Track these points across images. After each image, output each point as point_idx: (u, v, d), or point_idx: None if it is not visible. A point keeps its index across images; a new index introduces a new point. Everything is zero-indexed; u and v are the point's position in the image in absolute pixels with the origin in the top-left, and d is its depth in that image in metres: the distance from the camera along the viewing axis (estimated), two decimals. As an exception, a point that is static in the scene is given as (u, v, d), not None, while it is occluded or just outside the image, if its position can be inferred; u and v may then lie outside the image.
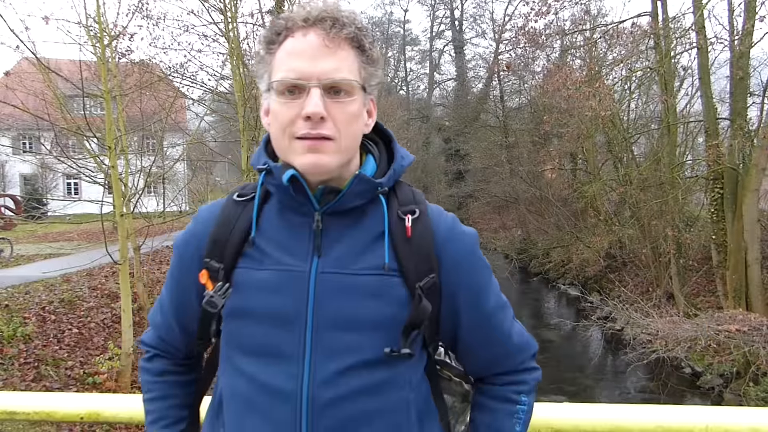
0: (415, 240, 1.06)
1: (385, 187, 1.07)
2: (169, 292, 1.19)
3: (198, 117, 14.33)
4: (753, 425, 1.37)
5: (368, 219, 1.07)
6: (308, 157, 1.00)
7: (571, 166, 20.35)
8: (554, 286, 18.93)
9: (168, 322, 1.20)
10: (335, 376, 1.01)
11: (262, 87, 1.08)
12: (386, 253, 1.04)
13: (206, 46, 18.68)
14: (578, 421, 1.43)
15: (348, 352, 1.02)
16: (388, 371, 1.04)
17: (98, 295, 10.01)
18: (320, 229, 1.05)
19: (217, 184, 22.63)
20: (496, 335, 1.14)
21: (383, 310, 1.03)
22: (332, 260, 1.04)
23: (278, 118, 1.03)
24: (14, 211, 19.39)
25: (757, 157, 11.39)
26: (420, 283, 1.03)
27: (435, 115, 35.23)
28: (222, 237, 1.09)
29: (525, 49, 16.30)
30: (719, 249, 12.51)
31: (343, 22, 1.01)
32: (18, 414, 1.59)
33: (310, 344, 1.01)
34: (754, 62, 13.08)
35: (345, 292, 1.02)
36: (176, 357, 1.25)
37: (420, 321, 1.03)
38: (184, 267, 1.14)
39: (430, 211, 1.11)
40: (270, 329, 1.03)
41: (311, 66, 0.99)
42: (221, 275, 1.06)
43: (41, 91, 9.45)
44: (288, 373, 1.02)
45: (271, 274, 1.04)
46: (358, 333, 1.02)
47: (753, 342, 8.89)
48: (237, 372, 1.07)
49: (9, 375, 6.88)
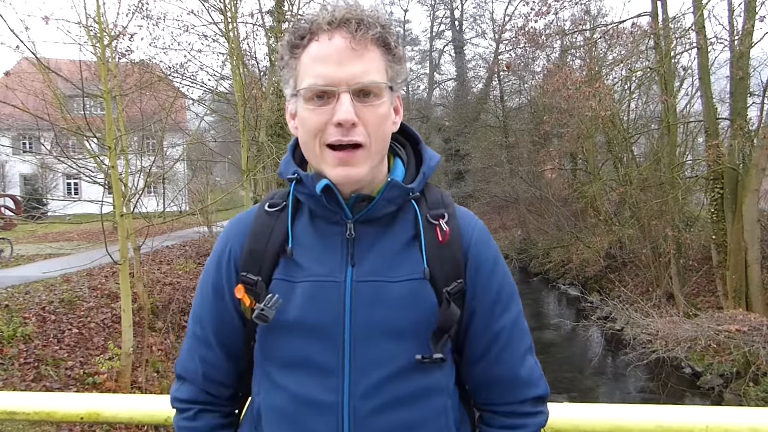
0: (447, 245, 1.05)
1: (416, 192, 1.06)
2: (210, 310, 1.13)
3: (198, 117, 14.36)
4: (753, 425, 1.37)
5: (398, 224, 1.07)
6: (339, 170, 1.00)
7: (571, 166, 20.35)
8: (554, 286, 18.93)
9: (209, 346, 1.13)
10: (375, 386, 1.00)
11: (288, 92, 1.06)
12: (424, 260, 1.03)
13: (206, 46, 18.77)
14: (578, 421, 1.43)
15: (387, 362, 1.01)
16: (426, 378, 1.03)
17: (98, 295, 10.00)
18: (353, 237, 1.04)
19: (217, 184, 22.63)
20: (505, 357, 1.10)
21: (418, 316, 1.02)
22: (367, 269, 1.03)
23: (307, 126, 1.01)
24: (14, 211, 19.39)
25: (757, 157, 11.39)
26: (448, 288, 1.03)
27: (435, 115, 35.20)
28: (258, 249, 1.07)
29: (525, 49, 16.30)
30: (719, 249, 12.50)
31: (368, 22, 0.99)
32: (18, 414, 1.59)
33: (349, 355, 1.00)
34: (754, 62, 13.10)
35: (381, 301, 1.01)
36: (222, 405, 1.17)
37: (449, 326, 1.03)
38: (221, 281, 1.11)
39: (459, 215, 1.10)
40: (307, 341, 1.02)
41: (339, 71, 0.97)
42: (260, 287, 1.04)
43: (41, 91, 9.44)
44: (328, 385, 1.01)
45: (306, 286, 1.03)
46: (396, 341, 1.01)
47: (753, 342, 8.89)
48: (274, 386, 1.05)
49: (9, 375, 6.88)
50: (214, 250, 1.15)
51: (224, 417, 1.17)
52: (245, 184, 10.96)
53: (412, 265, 1.03)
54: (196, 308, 1.15)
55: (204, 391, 1.14)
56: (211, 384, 1.14)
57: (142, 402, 1.63)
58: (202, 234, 17.33)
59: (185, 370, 1.16)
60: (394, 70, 1.04)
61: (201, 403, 1.14)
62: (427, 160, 1.11)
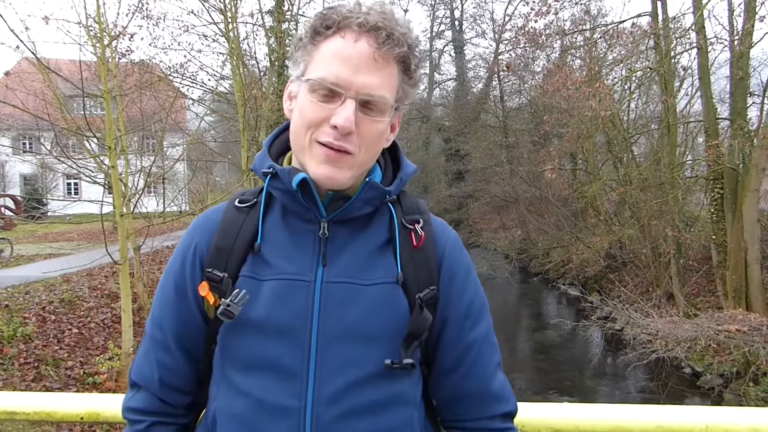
0: (422, 250, 1.04)
1: (393, 195, 1.05)
2: (171, 311, 1.07)
3: (198, 117, 14.36)
4: (753, 425, 1.37)
5: (373, 227, 1.05)
6: (324, 168, 0.98)
7: (571, 166, 20.35)
8: (554, 286, 18.92)
9: (167, 349, 1.07)
10: (341, 392, 0.96)
11: (295, 72, 1.03)
12: (398, 264, 1.01)
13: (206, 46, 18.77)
14: (578, 421, 1.43)
15: (354, 366, 0.97)
16: (394, 386, 1.00)
17: (98, 295, 10.00)
18: (326, 237, 1.01)
19: (217, 184, 22.63)
20: (476, 370, 1.07)
21: (389, 321, 0.99)
22: (338, 269, 1.00)
23: (304, 115, 0.99)
24: (14, 211, 19.40)
25: (757, 157, 11.39)
26: (420, 294, 1.01)
27: (435, 115, 35.15)
28: (226, 245, 1.03)
29: (525, 49, 16.30)
30: (719, 249, 12.50)
31: (397, 38, 0.97)
32: (18, 414, 1.59)
33: (315, 358, 0.96)
34: (754, 62, 13.09)
35: (352, 303, 0.98)
36: (178, 416, 1.10)
37: (420, 331, 1.01)
38: (185, 279, 1.07)
39: (434, 222, 1.10)
40: (271, 342, 0.98)
41: (353, 76, 0.95)
42: (225, 284, 1.00)
43: (41, 91, 9.45)
44: (291, 389, 0.96)
45: (274, 284, 0.99)
46: (364, 346, 0.98)
47: (753, 342, 8.89)
48: (233, 390, 1.00)
49: (9, 375, 6.88)
50: (177, 248, 1.10)
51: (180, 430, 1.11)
52: (245, 184, 10.96)
53: (385, 269, 1.01)
54: (155, 310, 1.10)
55: (160, 399, 1.08)
56: (168, 391, 1.08)
57: (142, 402, 1.63)
58: (202, 234, 17.27)
59: (141, 376, 1.09)
60: (406, 91, 1.03)
61: (156, 414, 1.08)
62: (405, 166, 1.10)
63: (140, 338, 7.07)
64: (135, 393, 1.11)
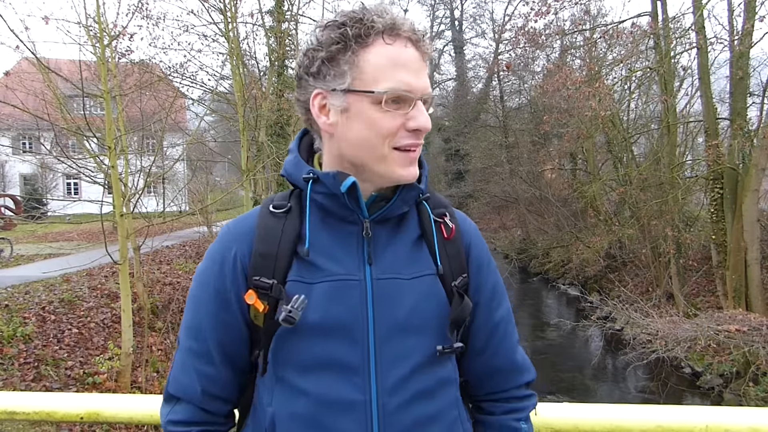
0: (452, 242, 1.12)
1: (426, 192, 1.12)
2: (211, 320, 1.07)
3: (198, 117, 14.36)
4: (753, 425, 1.37)
5: (406, 223, 1.11)
6: (411, 169, 1.05)
7: (570, 166, 20.35)
8: (554, 286, 18.93)
9: (209, 359, 1.07)
10: (401, 381, 1.03)
11: (333, 84, 1.02)
12: (438, 257, 1.09)
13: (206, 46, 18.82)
14: (578, 421, 1.43)
15: (409, 356, 1.04)
16: (442, 370, 1.08)
17: (98, 295, 10.00)
18: (370, 236, 1.06)
19: (217, 184, 22.64)
20: (504, 346, 1.18)
21: (434, 311, 1.06)
22: (384, 267, 1.05)
23: (380, 127, 1.01)
24: (14, 211, 19.39)
25: (757, 157, 11.39)
26: (455, 282, 1.09)
27: (435, 114, 35.16)
28: (270, 252, 1.04)
29: (525, 49, 16.27)
30: (719, 249, 12.50)
31: (427, 40, 1.05)
32: (18, 414, 1.59)
33: (374, 352, 1.02)
34: (754, 62, 13.08)
35: (399, 297, 1.04)
36: (220, 424, 1.12)
37: (464, 317, 1.09)
38: (226, 287, 1.06)
39: (457, 214, 1.18)
40: (330, 342, 1.01)
41: (417, 79, 1.01)
42: (276, 290, 1.02)
43: (41, 91, 9.45)
44: (355, 384, 1.01)
45: (326, 286, 1.02)
46: (416, 336, 1.04)
47: (753, 342, 8.89)
48: (294, 391, 1.02)
49: (9, 375, 6.88)
50: (210, 258, 1.09)
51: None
52: (245, 184, 10.97)
53: (423, 262, 1.08)
54: (191, 321, 1.09)
55: (202, 409, 1.09)
56: (211, 400, 1.09)
57: (142, 402, 1.63)
58: (202, 234, 17.33)
59: (180, 389, 1.09)
60: None
61: (200, 424, 1.09)
62: (424, 163, 1.14)
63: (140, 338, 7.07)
64: (174, 406, 1.10)
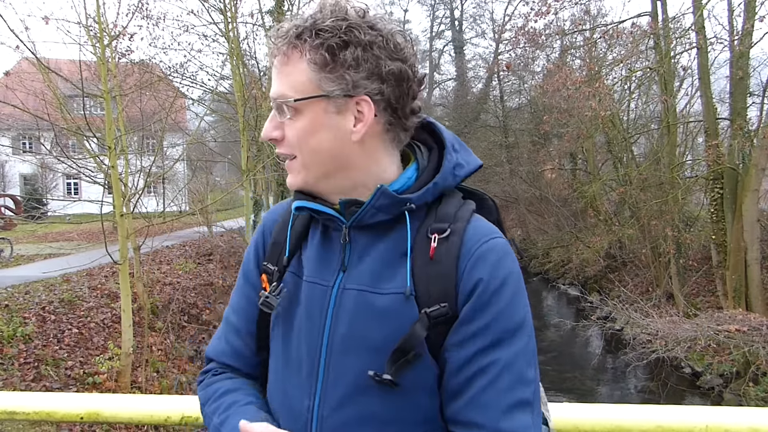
0: (436, 263, 0.95)
1: (413, 203, 0.96)
2: (240, 297, 1.14)
3: (198, 117, 14.38)
4: (753, 425, 1.37)
5: (396, 234, 0.98)
6: (288, 179, 1.05)
7: (570, 166, 20.35)
8: (554, 286, 18.94)
9: (238, 332, 1.13)
10: (345, 398, 0.95)
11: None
12: (408, 277, 0.94)
13: (206, 46, 18.78)
14: (578, 421, 1.43)
15: (358, 374, 0.94)
16: (401, 401, 0.93)
17: (98, 295, 10.00)
18: (347, 243, 1.00)
19: (217, 184, 22.64)
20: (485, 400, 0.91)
21: (392, 333, 0.93)
22: (355, 276, 0.98)
23: None
24: (14, 211, 19.39)
25: (757, 157, 11.40)
26: (428, 309, 0.92)
27: (435, 115, 35.12)
28: (279, 241, 1.09)
29: (525, 49, 16.29)
30: (719, 249, 12.51)
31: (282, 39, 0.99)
32: (18, 414, 1.59)
33: (324, 362, 0.97)
34: (754, 62, 13.08)
35: (362, 311, 0.95)
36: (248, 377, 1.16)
37: (409, 347, 0.91)
38: (250, 267, 1.13)
39: (468, 231, 0.96)
40: (298, 341, 1.01)
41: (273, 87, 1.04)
42: (274, 277, 1.05)
43: (41, 91, 9.46)
44: (305, 389, 0.99)
45: (305, 286, 1.02)
46: (368, 355, 0.94)
47: (753, 342, 8.89)
48: (270, 376, 1.08)
49: (9, 375, 6.88)
50: (252, 239, 1.17)
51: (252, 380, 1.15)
52: (245, 184, 10.98)
53: (400, 280, 0.94)
54: (232, 295, 1.17)
55: (231, 366, 1.15)
56: (236, 370, 1.14)
57: (142, 402, 1.64)
58: (202, 234, 17.33)
59: (214, 352, 1.16)
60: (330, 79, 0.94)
61: (229, 368, 1.14)
62: (448, 170, 1.00)
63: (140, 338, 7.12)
64: (207, 365, 1.18)
